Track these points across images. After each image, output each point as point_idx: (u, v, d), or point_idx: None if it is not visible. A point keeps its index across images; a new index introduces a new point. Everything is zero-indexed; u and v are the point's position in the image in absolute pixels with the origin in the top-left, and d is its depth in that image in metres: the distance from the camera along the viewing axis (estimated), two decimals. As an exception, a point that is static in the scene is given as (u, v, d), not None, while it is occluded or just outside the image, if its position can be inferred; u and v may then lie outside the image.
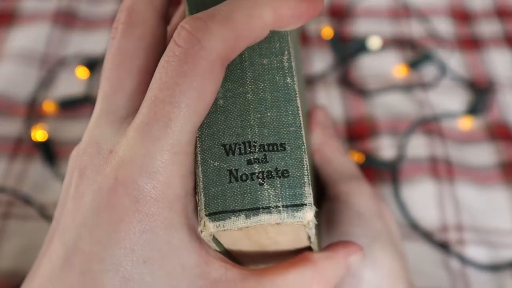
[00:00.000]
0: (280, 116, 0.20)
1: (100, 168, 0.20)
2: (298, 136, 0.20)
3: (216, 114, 0.20)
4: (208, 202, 0.19)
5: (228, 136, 0.20)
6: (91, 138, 0.21)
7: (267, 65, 0.21)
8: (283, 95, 0.20)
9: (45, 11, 0.55)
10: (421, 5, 0.57)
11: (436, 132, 0.47)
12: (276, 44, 0.21)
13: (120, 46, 0.21)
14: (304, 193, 0.19)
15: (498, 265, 0.40)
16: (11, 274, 0.38)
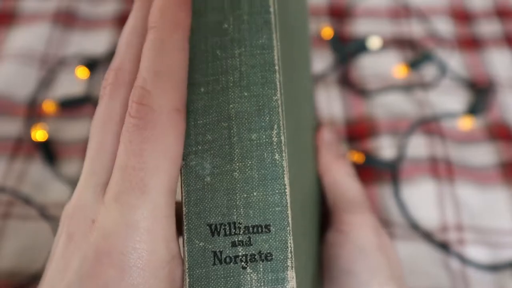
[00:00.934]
0: (266, 196, 0.20)
1: (85, 236, 0.20)
2: (283, 216, 0.20)
3: (203, 192, 0.20)
4: (192, 284, 0.20)
5: (214, 216, 0.20)
6: (79, 201, 0.21)
7: (255, 140, 0.21)
8: (271, 173, 0.20)
9: (45, 11, 0.55)
10: (421, 5, 0.57)
11: (436, 132, 0.47)
12: (266, 117, 0.21)
13: (106, 107, 0.22)
14: (287, 277, 0.20)
15: (498, 265, 0.40)
16: (11, 274, 0.38)
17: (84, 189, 0.21)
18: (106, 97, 0.22)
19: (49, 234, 0.40)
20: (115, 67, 0.22)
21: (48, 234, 0.40)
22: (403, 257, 0.40)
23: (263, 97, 0.21)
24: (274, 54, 0.21)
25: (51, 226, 0.41)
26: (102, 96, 0.22)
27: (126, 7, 0.57)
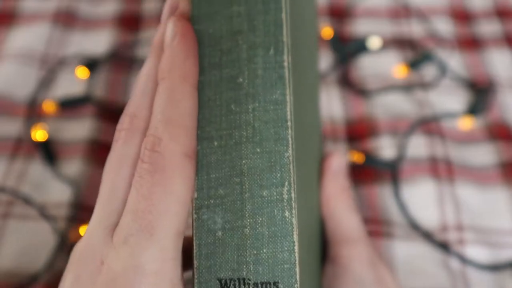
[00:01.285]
0: (275, 253, 0.21)
1: (93, 277, 0.21)
2: (291, 274, 0.20)
3: (215, 246, 0.21)
4: None
5: (225, 271, 0.21)
6: (88, 242, 0.22)
7: (266, 197, 0.21)
8: (280, 230, 0.21)
9: (45, 11, 0.55)
10: (421, 5, 0.57)
11: (436, 132, 0.47)
12: (278, 174, 0.21)
13: (120, 152, 0.23)
14: None
15: (498, 265, 0.40)
16: (11, 274, 0.38)
17: (94, 231, 0.22)
18: (121, 142, 0.23)
19: (49, 234, 0.40)
20: (130, 113, 0.23)
21: (48, 234, 0.40)
22: (403, 257, 0.40)
23: (275, 153, 0.21)
24: (287, 110, 0.22)
25: (51, 226, 0.41)
26: (116, 140, 0.23)
27: (126, 7, 0.57)
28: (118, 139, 0.23)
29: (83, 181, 0.43)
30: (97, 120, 0.47)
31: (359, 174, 0.45)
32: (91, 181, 0.43)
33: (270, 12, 0.23)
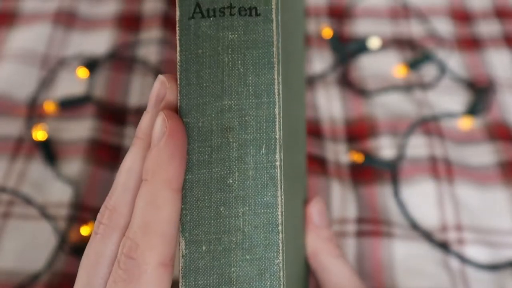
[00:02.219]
0: None
1: None
2: None
3: None
4: None
5: None
6: None
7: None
8: None
9: (46, 11, 0.56)
10: (421, 5, 0.57)
11: (436, 132, 0.47)
12: (267, 282, 0.21)
13: (98, 249, 0.23)
14: None
15: (498, 264, 0.40)
16: (11, 274, 0.38)
17: None
18: (99, 237, 0.22)
19: (49, 234, 0.40)
20: (111, 206, 0.23)
21: (48, 234, 0.40)
22: (402, 257, 0.40)
23: (265, 260, 0.21)
24: (278, 213, 0.22)
25: (51, 226, 0.41)
26: (95, 232, 0.23)
27: (126, 7, 0.57)
28: (97, 233, 0.23)
29: (83, 181, 0.43)
30: (97, 120, 0.47)
31: (359, 174, 0.45)
32: (91, 181, 0.43)
33: (262, 106, 0.22)
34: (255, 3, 0.22)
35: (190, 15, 0.23)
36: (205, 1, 0.23)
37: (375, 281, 0.39)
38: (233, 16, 0.22)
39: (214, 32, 0.23)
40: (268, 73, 0.22)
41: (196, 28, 0.23)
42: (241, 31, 0.22)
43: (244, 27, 0.22)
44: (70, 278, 0.38)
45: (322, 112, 0.49)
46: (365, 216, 0.42)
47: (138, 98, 0.49)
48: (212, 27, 0.23)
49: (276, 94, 0.22)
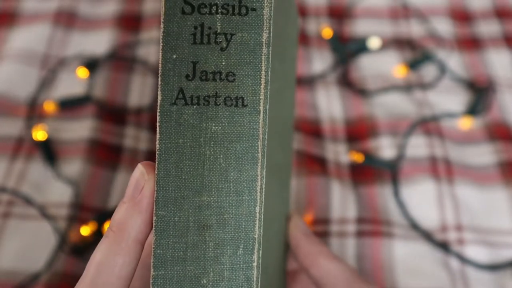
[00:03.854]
0: None
1: None
2: None
3: None
4: None
5: None
6: None
7: None
8: None
9: (46, 11, 0.56)
10: (421, 5, 0.57)
11: (436, 132, 0.47)
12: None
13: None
14: None
15: (498, 264, 0.40)
16: (11, 274, 0.38)
17: None
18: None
19: (49, 234, 0.40)
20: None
21: (48, 234, 0.40)
22: (402, 257, 0.40)
23: None
24: None
25: (51, 226, 0.41)
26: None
27: (126, 7, 0.57)
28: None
29: (83, 181, 0.43)
30: (97, 120, 0.47)
31: (359, 174, 0.45)
32: (91, 181, 0.43)
33: (243, 204, 0.21)
34: (242, 93, 0.21)
35: (173, 101, 0.21)
36: (189, 87, 0.21)
37: (375, 281, 0.39)
38: (218, 106, 0.21)
39: (197, 121, 0.21)
40: (251, 169, 0.21)
41: (178, 116, 0.21)
42: (225, 122, 0.21)
43: (229, 118, 0.21)
44: (70, 278, 0.38)
45: (322, 112, 0.49)
46: (365, 216, 0.42)
47: (138, 98, 0.49)
48: (195, 116, 0.21)
49: (258, 191, 0.22)
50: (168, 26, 0.21)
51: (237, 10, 0.21)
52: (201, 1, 0.21)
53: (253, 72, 0.21)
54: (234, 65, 0.21)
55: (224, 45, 0.21)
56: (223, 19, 0.21)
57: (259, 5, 0.21)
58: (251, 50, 0.21)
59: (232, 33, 0.21)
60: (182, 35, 0.21)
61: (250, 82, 0.21)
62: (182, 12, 0.21)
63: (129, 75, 0.51)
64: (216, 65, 0.21)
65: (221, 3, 0.21)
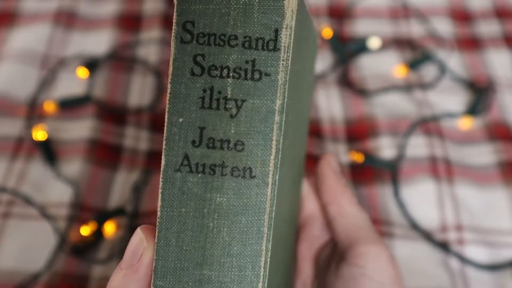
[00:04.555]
0: None
1: None
2: None
3: None
4: None
5: None
6: None
7: None
8: None
9: (46, 11, 0.55)
10: (421, 5, 0.57)
11: (436, 132, 0.47)
12: None
13: None
14: None
15: (498, 264, 0.40)
16: (11, 274, 0.38)
17: None
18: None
19: (49, 234, 0.40)
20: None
21: (48, 234, 0.40)
22: (403, 257, 0.40)
23: None
24: None
25: (51, 226, 0.41)
26: None
27: (126, 7, 0.57)
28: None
29: (83, 181, 0.43)
30: (97, 120, 0.47)
31: (359, 174, 0.45)
32: (91, 181, 0.43)
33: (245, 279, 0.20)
34: (250, 164, 0.20)
35: (177, 167, 0.20)
36: (195, 154, 0.20)
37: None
38: (224, 176, 0.20)
39: (201, 191, 0.20)
40: (255, 244, 0.20)
41: (182, 183, 0.20)
42: (231, 194, 0.20)
43: (235, 190, 0.20)
44: (70, 278, 0.38)
45: (322, 112, 0.49)
46: (365, 216, 0.42)
47: (138, 98, 0.49)
48: (200, 185, 0.20)
49: (262, 267, 0.20)
50: (175, 87, 0.20)
51: (250, 75, 0.20)
52: (212, 63, 0.20)
53: (263, 141, 0.20)
54: (244, 133, 0.20)
55: (234, 111, 0.20)
56: (234, 84, 0.20)
57: (274, 70, 0.20)
58: (262, 118, 0.20)
59: (243, 99, 0.20)
60: (190, 98, 0.20)
61: (260, 152, 0.20)
62: (191, 73, 0.20)
63: (129, 75, 0.51)
64: (224, 132, 0.20)
65: (233, 66, 0.20)
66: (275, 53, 0.20)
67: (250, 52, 0.20)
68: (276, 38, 0.20)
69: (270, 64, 0.20)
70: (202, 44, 0.20)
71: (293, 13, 0.20)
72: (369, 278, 0.27)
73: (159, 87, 0.50)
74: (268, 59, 0.20)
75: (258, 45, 0.20)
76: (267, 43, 0.20)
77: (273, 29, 0.20)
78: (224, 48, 0.20)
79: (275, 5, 0.20)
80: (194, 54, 0.20)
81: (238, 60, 0.20)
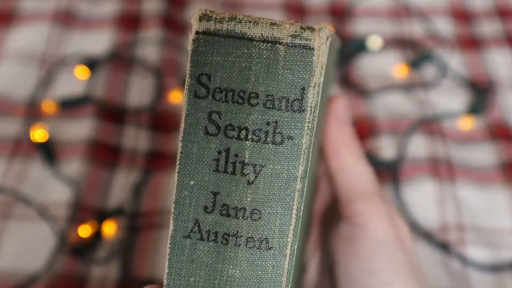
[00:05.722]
0: None
1: None
2: None
3: None
4: None
5: None
6: None
7: None
8: None
9: (45, 11, 0.55)
10: (422, 5, 0.57)
11: (437, 132, 0.47)
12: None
13: None
14: None
15: (499, 265, 0.40)
16: (10, 275, 0.38)
17: None
18: None
19: (49, 234, 0.40)
20: None
21: (48, 234, 0.40)
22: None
23: None
24: None
25: (50, 226, 0.40)
26: None
27: (126, 7, 0.56)
28: None
29: (83, 181, 0.43)
30: (97, 120, 0.47)
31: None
32: (91, 181, 0.43)
33: None
34: (267, 234, 0.19)
35: (186, 234, 0.19)
36: (206, 221, 0.19)
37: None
38: (238, 247, 0.19)
39: (212, 261, 0.19)
40: None
41: (191, 251, 0.19)
42: (244, 266, 0.19)
43: (249, 261, 0.19)
44: (69, 279, 0.38)
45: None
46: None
47: (137, 98, 0.49)
48: (211, 255, 0.19)
49: None
50: (187, 146, 0.18)
51: (271, 138, 0.18)
52: (229, 122, 0.18)
53: (282, 210, 0.18)
54: (261, 201, 0.18)
55: (251, 178, 0.18)
56: (253, 147, 0.18)
57: (298, 133, 0.18)
58: (283, 185, 0.18)
59: (262, 164, 0.18)
60: (203, 160, 0.18)
61: (278, 221, 0.19)
62: (205, 132, 0.18)
63: (129, 75, 0.51)
64: (240, 200, 0.18)
65: (252, 127, 0.18)
66: (300, 114, 0.18)
67: (273, 113, 0.18)
68: (302, 97, 0.18)
69: (294, 126, 0.18)
70: (218, 100, 0.18)
71: (322, 69, 0.18)
72: (369, 237, 0.26)
73: (159, 87, 0.50)
74: (292, 121, 0.18)
75: (281, 105, 0.18)
76: (292, 103, 0.18)
77: (300, 88, 0.18)
78: (243, 106, 0.18)
79: (303, 60, 0.18)
80: (209, 111, 0.18)
81: (259, 121, 0.18)
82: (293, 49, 0.18)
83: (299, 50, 0.18)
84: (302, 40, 0.18)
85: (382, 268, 0.25)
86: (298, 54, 0.18)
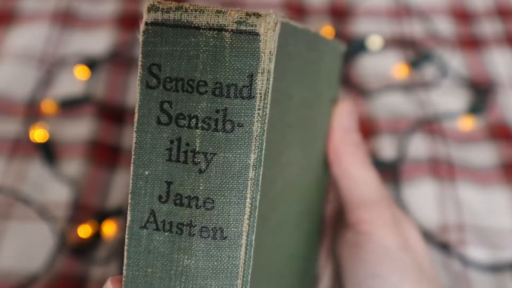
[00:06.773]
0: None
1: None
2: None
3: None
4: None
5: None
6: None
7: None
8: None
9: (44, 10, 0.55)
10: (422, 4, 0.57)
11: (437, 132, 0.47)
12: None
13: None
14: None
15: (499, 265, 0.39)
16: (9, 275, 0.38)
17: None
18: None
19: (49, 234, 0.40)
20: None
21: (48, 235, 0.40)
22: (403, 258, 0.40)
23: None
24: None
25: (50, 227, 0.40)
26: None
27: (125, 7, 0.56)
28: None
29: (83, 181, 0.43)
30: (97, 120, 0.46)
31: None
32: (91, 181, 0.43)
33: None
34: (221, 224, 0.18)
35: (143, 224, 0.19)
36: (161, 211, 0.19)
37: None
38: (193, 237, 0.18)
39: (168, 251, 0.19)
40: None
41: (148, 242, 0.19)
42: (199, 256, 0.18)
43: (204, 251, 0.18)
44: (68, 279, 0.38)
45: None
46: (365, 217, 0.42)
47: (137, 98, 0.49)
48: (167, 245, 0.19)
49: None
50: (141, 136, 0.19)
51: (221, 126, 0.18)
52: (180, 111, 0.18)
53: (236, 199, 0.18)
54: (214, 190, 0.18)
55: (203, 166, 0.18)
56: (203, 136, 0.18)
57: (248, 120, 0.18)
58: (235, 173, 0.18)
59: (213, 152, 0.18)
60: (156, 149, 0.19)
61: (232, 211, 0.18)
62: (157, 121, 0.19)
63: (129, 75, 0.51)
64: (192, 189, 0.18)
65: (202, 115, 0.18)
66: (249, 101, 0.18)
67: (221, 100, 0.18)
68: (250, 84, 0.18)
69: (244, 113, 0.18)
70: (169, 90, 0.18)
71: (271, 54, 0.18)
72: (374, 244, 0.26)
73: (159, 87, 0.50)
74: (241, 108, 0.18)
75: (230, 92, 0.18)
76: (241, 90, 0.18)
77: (247, 74, 0.18)
78: (193, 95, 0.18)
79: (249, 47, 0.18)
80: (160, 100, 0.18)
81: (208, 108, 0.18)
82: (239, 36, 0.18)
83: (245, 37, 0.18)
84: (247, 26, 0.17)
85: (388, 272, 0.26)
86: (244, 40, 0.18)
